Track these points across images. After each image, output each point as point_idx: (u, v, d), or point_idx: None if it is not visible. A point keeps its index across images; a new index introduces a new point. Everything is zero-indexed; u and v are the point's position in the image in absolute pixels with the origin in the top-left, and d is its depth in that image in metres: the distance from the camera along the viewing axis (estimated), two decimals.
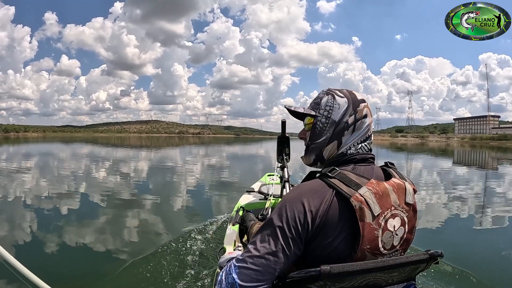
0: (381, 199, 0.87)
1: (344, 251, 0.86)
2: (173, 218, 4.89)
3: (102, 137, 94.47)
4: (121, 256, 3.27)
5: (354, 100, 0.99)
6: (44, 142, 42.75)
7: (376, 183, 0.88)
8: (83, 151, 23.03)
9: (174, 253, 3.02)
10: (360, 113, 0.98)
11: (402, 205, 0.90)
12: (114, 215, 5.03)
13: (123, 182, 8.42)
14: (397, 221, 0.89)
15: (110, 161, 15.13)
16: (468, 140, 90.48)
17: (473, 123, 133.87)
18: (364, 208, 0.84)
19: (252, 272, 0.84)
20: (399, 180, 0.93)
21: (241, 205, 2.62)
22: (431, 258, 0.92)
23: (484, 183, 10.02)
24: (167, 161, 15.69)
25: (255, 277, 0.84)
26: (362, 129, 0.98)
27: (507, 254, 3.62)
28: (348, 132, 0.98)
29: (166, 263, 2.81)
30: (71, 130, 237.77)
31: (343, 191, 0.85)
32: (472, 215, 5.60)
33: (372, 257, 0.87)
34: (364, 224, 0.84)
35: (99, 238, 3.89)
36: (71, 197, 6.27)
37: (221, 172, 11.54)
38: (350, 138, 0.98)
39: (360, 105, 0.99)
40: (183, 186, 7.98)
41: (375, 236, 0.86)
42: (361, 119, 0.98)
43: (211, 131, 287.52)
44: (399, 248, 0.92)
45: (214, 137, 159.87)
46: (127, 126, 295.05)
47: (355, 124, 0.98)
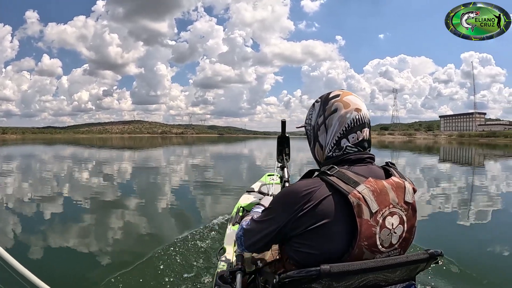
0: (379, 197, 0.88)
1: (341, 247, 0.87)
2: (173, 219, 4.83)
3: (83, 138, 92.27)
4: (121, 257, 3.27)
5: (325, 100, 1.02)
6: (21, 144, 40.92)
7: (374, 181, 0.89)
8: (63, 153, 21.71)
9: (174, 253, 2.98)
10: (329, 110, 1.00)
11: (401, 204, 0.91)
12: (113, 218, 4.97)
13: (114, 185, 8.28)
14: (395, 219, 0.89)
15: (91, 163, 14.16)
16: (456, 137, 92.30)
17: (459, 120, 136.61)
18: (362, 204, 0.85)
19: (251, 236, 1.04)
20: (399, 179, 0.94)
21: (241, 205, 2.59)
22: (431, 257, 0.93)
23: (483, 181, 9.88)
24: (156, 163, 15.16)
25: (252, 240, 1.04)
26: (333, 125, 0.99)
27: (508, 253, 3.58)
28: (322, 132, 1.01)
29: (167, 264, 2.79)
30: (51, 132, 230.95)
31: (341, 188, 0.87)
32: (472, 213, 5.54)
33: (370, 254, 0.88)
34: (361, 220, 0.85)
35: (99, 240, 3.87)
36: (74, 203, 5.97)
37: (218, 172, 11.31)
38: (327, 137, 1.00)
39: (329, 103, 1.01)
40: (180, 188, 7.82)
41: (373, 233, 0.86)
42: (329, 115, 0.99)
43: (194, 130, 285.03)
44: (398, 247, 0.92)
45: (198, 137, 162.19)
46: (109, 127, 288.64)
47: (325, 122, 1.00)
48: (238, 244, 1.12)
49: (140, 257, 2.99)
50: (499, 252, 3.62)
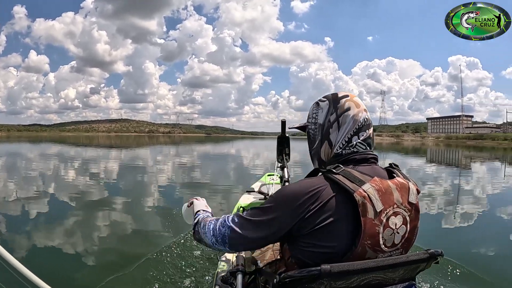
0: (384, 196, 0.88)
1: (345, 245, 0.87)
2: (172, 218, 4.70)
3: (69, 137, 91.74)
4: (121, 257, 3.22)
5: (335, 99, 1.03)
6: (5, 142, 39.53)
7: (379, 181, 0.89)
8: (49, 151, 20.85)
9: (173, 253, 2.98)
10: (342, 108, 1.01)
11: (404, 204, 0.91)
12: (113, 217, 4.93)
13: (112, 184, 8.19)
14: (399, 219, 0.90)
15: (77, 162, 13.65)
16: (443, 139, 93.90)
17: (446, 122, 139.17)
18: (367, 203, 0.85)
19: (241, 235, 0.93)
20: (403, 179, 0.95)
21: (241, 205, 2.59)
22: (431, 257, 0.93)
23: (482, 181, 9.93)
24: (144, 162, 14.71)
25: (242, 240, 0.94)
26: (347, 122, 1.00)
27: (509, 252, 3.61)
28: (334, 129, 1.01)
29: (166, 264, 2.78)
30: (37, 129, 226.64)
31: (347, 186, 0.87)
32: (472, 213, 5.58)
33: (373, 253, 0.88)
34: (366, 219, 0.85)
35: (98, 240, 3.84)
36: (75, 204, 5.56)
37: (217, 172, 11.14)
38: (338, 135, 1.00)
39: (340, 101, 1.02)
40: (178, 187, 7.71)
41: (376, 232, 0.86)
42: (343, 113, 1.00)
43: (181, 130, 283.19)
44: (400, 247, 0.92)
45: (185, 136, 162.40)
46: (96, 125, 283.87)
47: (338, 120, 1.00)
48: (218, 241, 1.00)
49: (140, 257, 2.95)
50: (500, 251, 3.63)
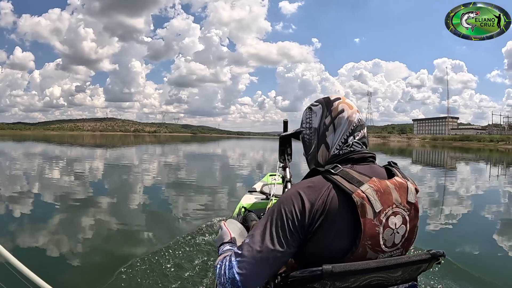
0: (383, 196, 0.88)
1: (345, 246, 0.87)
2: (174, 218, 4.82)
3: (53, 136, 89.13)
4: (122, 256, 3.18)
5: (327, 102, 1.04)
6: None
7: (377, 181, 0.89)
8: (32, 150, 19.97)
9: (175, 253, 2.98)
10: (336, 110, 1.02)
11: (403, 204, 0.91)
12: (114, 216, 4.94)
13: (114, 183, 8.30)
14: (398, 219, 0.90)
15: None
16: (430, 141, 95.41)
17: (432, 124, 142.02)
18: (366, 204, 0.85)
19: (252, 266, 0.86)
20: (401, 179, 0.94)
21: (243, 205, 2.60)
22: (433, 258, 0.93)
23: (480, 181, 10.05)
24: (129, 161, 14.18)
25: (255, 272, 0.86)
26: (342, 124, 1.00)
27: (509, 252, 3.62)
28: (330, 132, 1.01)
29: (167, 263, 2.78)
30: (21, 128, 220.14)
31: (345, 187, 0.87)
32: (474, 213, 5.61)
33: (373, 253, 0.88)
34: (365, 220, 0.85)
35: (100, 237, 3.88)
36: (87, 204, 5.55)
37: (221, 171, 11.28)
38: (335, 137, 1.01)
39: (333, 104, 1.03)
40: (178, 187, 7.72)
41: (376, 232, 0.87)
42: (337, 115, 1.01)
43: (167, 129, 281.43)
44: (401, 247, 0.92)
45: (171, 136, 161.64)
46: (81, 124, 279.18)
47: (334, 122, 1.01)
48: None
49: (141, 256, 2.94)
50: (501, 251, 3.66)
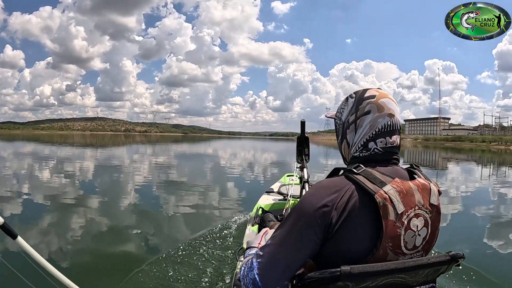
0: (405, 198, 0.87)
1: (366, 247, 0.85)
2: (192, 218, 4.84)
3: (43, 135, 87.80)
4: (139, 255, 3.24)
5: (360, 99, 0.99)
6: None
7: (400, 182, 0.88)
8: (21, 150, 19.34)
9: (193, 252, 2.97)
10: (362, 110, 0.97)
11: (426, 206, 0.89)
12: (129, 216, 4.99)
13: (126, 184, 8.25)
14: (420, 221, 0.88)
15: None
16: (422, 141, 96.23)
17: (424, 124, 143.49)
18: (388, 205, 0.84)
19: (272, 267, 0.86)
20: (424, 180, 0.93)
21: (260, 206, 2.56)
22: (452, 260, 0.91)
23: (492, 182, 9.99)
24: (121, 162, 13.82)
25: (275, 272, 0.86)
26: (363, 126, 0.96)
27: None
28: (351, 131, 0.99)
29: (185, 262, 2.76)
30: (10, 127, 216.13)
31: (368, 188, 0.85)
32: (494, 215, 5.57)
33: (394, 255, 0.86)
34: (387, 221, 0.84)
35: (118, 238, 3.90)
36: None
37: (239, 171, 11.44)
38: (355, 137, 0.98)
39: (363, 102, 0.98)
40: (196, 187, 7.71)
41: (398, 234, 0.85)
42: (361, 116, 0.97)
43: (158, 129, 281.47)
44: (421, 249, 0.91)
45: (162, 136, 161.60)
46: (71, 123, 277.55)
47: (356, 122, 0.98)
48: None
49: (158, 255, 2.95)
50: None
